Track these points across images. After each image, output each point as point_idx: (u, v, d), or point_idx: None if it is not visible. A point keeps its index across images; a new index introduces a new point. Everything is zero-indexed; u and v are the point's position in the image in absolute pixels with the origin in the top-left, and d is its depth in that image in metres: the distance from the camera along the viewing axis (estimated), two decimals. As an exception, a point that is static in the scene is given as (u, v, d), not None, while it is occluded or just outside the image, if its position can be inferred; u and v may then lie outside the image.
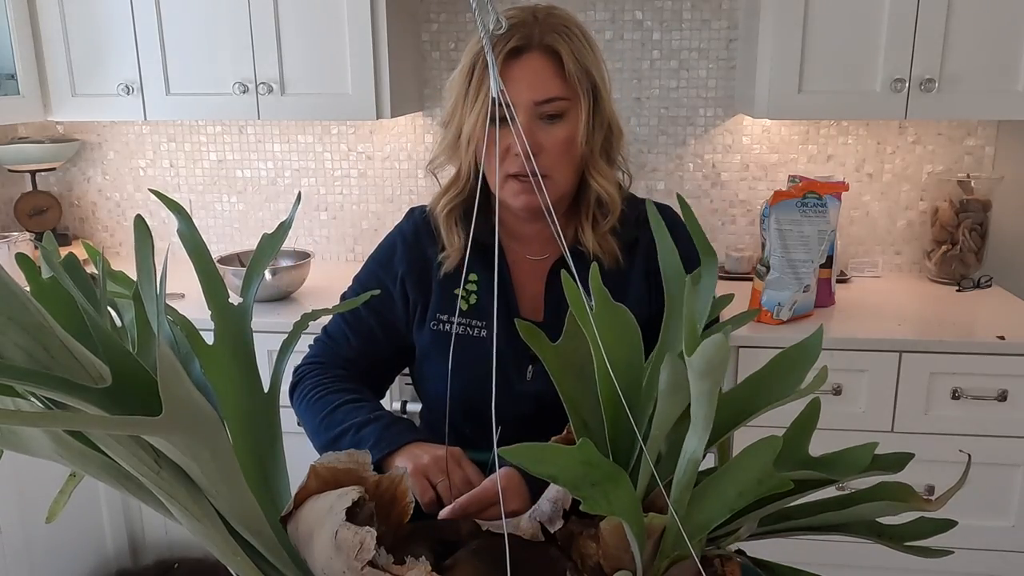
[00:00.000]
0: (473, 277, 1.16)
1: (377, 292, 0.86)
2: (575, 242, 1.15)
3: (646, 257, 1.17)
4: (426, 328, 1.17)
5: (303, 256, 2.20)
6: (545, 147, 1.07)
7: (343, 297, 1.24)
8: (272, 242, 0.65)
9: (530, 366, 1.14)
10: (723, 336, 0.48)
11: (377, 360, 1.20)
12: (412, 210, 1.25)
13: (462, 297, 1.15)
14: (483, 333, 1.14)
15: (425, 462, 0.97)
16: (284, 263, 2.18)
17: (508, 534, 0.62)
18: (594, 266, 0.66)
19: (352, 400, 1.10)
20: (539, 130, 1.06)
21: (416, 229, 1.21)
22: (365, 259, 1.25)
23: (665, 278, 0.68)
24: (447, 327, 1.15)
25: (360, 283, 1.23)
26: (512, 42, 1.04)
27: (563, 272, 0.66)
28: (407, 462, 0.98)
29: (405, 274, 1.18)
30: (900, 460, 0.62)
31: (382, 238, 1.25)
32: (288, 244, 2.23)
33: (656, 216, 0.71)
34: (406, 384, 1.95)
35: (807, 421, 0.61)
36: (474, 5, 0.59)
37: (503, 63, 1.04)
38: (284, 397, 1.05)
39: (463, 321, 1.15)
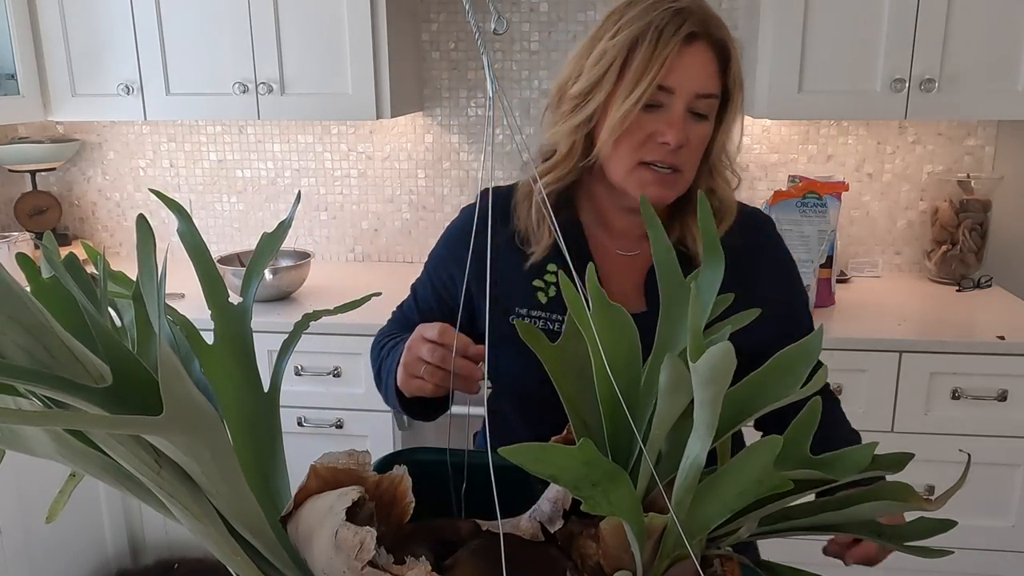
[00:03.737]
0: (552, 268, 1.09)
1: (379, 294, 0.85)
2: (678, 243, 1.07)
3: (767, 278, 1.09)
4: (505, 323, 1.10)
5: (303, 256, 2.20)
6: (689, 142, 1.02)
7: (412, 288, 1.21)
8: (272, 241, 0.65)
9: None
10: (729, 344, 0.48)
11: None
12: (485, 192, 1.18)
13: (540, 289, 1.09)
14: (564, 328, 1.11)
15: (409, 359, 0.95)
16: (284, 263, 2.18)
17: (508, 534, 0.62)
18: (591, 265, 0.66)
19: (394, 341, 1.08)
20: (687, 123, 1.01)
21: (486, 215, 1.15)
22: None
23: (659, 274, 0.69)
24: (527, 321, 1.09)
25: (427, 272, 1.19)
26: (687, 26, 0.98)
27: (560, 271, 0.66)
28: (400, 372, 0.96)
29: (473, 263, 1.14)
30: (900, 460, 0.62)
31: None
32: (288, 244, 2.23)
33: (648, 208, 0.71)
34: (406, 384, 1.95)
35: (807, 421, 0.61)
36: (467, 6, 0.58)
37: (679, 45, 0.98)
38: (284, 397, 1.05)
39: (542, 315, 1.09)
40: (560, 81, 1.07)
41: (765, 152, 2.30)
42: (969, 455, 0.70)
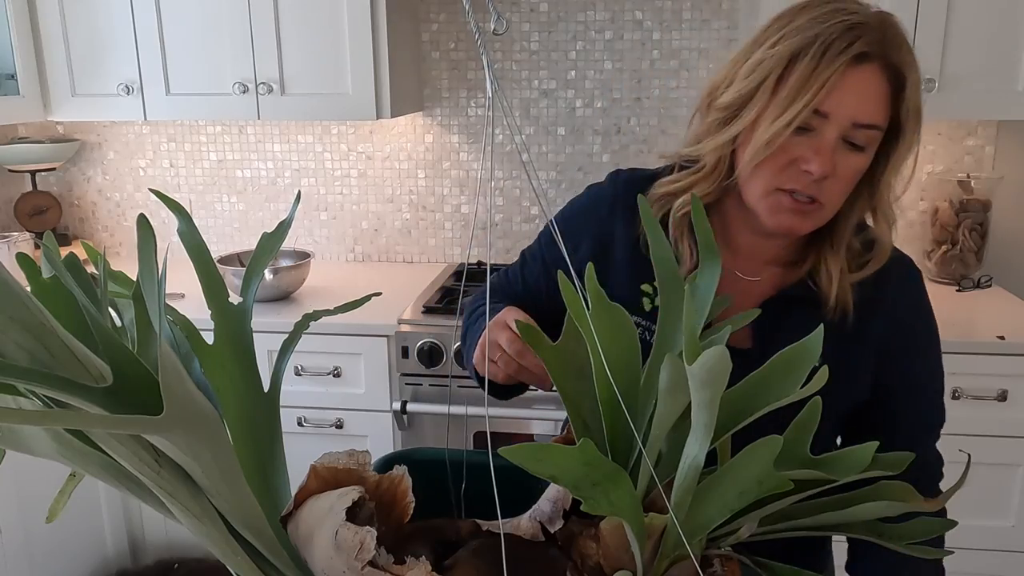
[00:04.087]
0: None
1: (379, 293, 0.85)
2: (809, 277, 0.99)
3: (885, 325, 1.03)
4: None
5: (303, 256, 2.20)
6: (837, 173, 0.90)
7: (522, 255, 1.14)
8: (272, 241, 0.65)
9: None
10: (724, 347, 0.48)
11: (541, 311, 1.03)
12: (618, 174, 1.08)
13: (647, 295, 1.01)
14: None
15: (487, 341, 0.92)
16: (284, 263, 2.18)
17: (508, 534, 0.62)
18: (590, 266, 0.65)
19: (482, 306, 1.05)
20: (838, 152, 0.89)
21: (615, 200, 1.05)
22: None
23: (658, 276, 0.69)
24: None
25: (540, 244, 1.12)
26: (859, 44, 0.86)
27: (560, 273, 0.64)
28: (477, 350, 0.95)
29: (589, 248, 1.05)
30: (900, 460, 0.62)
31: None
32: (288, 244, 2.23)
33: (647, 208, 0.71)
34: (407, 384, 1.95)
35: (807, 421, 0.61)
36: (467, 6, 0.58)
37: (845, 65, 0.86)
38: (284, 397, 1.05)
39: (642, 322, 1.00)
40: (712, 83, 0.97)
41: (765, 152, 2.30)
42: (969, 455, 0.70)
